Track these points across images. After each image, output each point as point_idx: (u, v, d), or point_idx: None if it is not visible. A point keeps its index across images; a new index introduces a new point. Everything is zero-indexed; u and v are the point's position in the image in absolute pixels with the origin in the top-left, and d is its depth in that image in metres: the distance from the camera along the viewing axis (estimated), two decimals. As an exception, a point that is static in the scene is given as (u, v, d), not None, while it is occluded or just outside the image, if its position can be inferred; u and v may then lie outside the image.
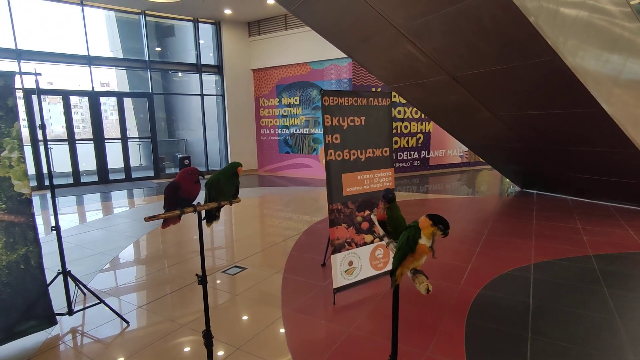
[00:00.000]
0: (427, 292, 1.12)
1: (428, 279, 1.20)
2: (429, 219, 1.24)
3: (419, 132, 10.37)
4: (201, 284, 1.54)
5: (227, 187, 1.64)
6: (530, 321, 2.66)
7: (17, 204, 2.40)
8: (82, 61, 9.13)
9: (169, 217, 1.44)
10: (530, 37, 3.40)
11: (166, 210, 1.48)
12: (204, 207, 1.54)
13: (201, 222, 1.53)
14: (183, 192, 1.49)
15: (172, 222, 1.56)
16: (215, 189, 1.64)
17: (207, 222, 1.76)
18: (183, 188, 1.49)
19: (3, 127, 2.33)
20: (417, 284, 1.15)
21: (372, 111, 3.18)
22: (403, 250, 1.23)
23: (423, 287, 1.12)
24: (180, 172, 1.54)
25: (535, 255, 3.95)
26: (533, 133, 5.38)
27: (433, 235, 1.21)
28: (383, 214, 1.54)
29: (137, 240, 4.86)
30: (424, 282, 1.15)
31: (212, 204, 1.61)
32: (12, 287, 2.41)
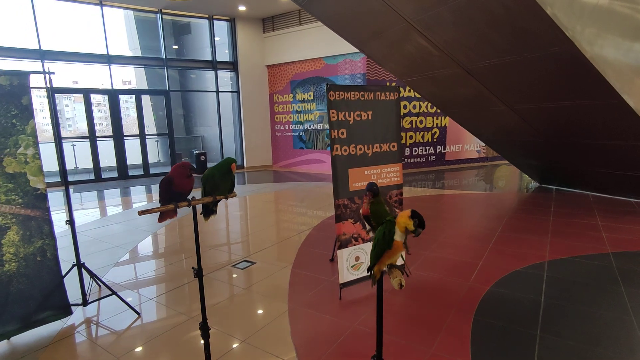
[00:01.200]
0: (400, 287, 1.11)
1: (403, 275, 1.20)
2: (408, 214, 1.23)
3: (435, 127, 10.20)
4: (197, 276, 1.57)
5: (222, 182, 1.66)
6: (540, 320, 2.59)
7: (32, 198, 2.50)
8: (102, 60, 9.38)
9: (162, 211, 1.47)
10: (545, 27, 3.28)
11: (161, 205, 1.51)
12: (199, 202, 1.57)
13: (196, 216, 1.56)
14: (176, 186, 1.52)
15: (168, 215, 1.59)
16: (210, 183, 1.67)
17: (204, 216, 1.79)
18: (176, 182, 1.52)
19: (19, 124, 2.42)
20: (391, 278, 1.14)
21: (379, 105, 3.15)
22: (380, 246, 1.22)
23: (396, 282, 1.11)
24: (173, 166, 1.58)
25: (551, 252, 3.84)
26: (550, 126, 5.21)
27: (406, 231, 1.20)
28: (367, 209, 1.53)
29: (153, 234, 4.99)
30: (398, 276, 1.14)
31: (208, 199, 1.64)
32: (30, 278, 2.52)
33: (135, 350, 2.41)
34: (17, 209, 2.44)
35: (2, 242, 2.39)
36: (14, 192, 2.42)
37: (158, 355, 2.35)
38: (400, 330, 2.53)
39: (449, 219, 5.33)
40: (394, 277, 1.14)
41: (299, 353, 2.32)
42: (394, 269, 1.21)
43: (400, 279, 1.14)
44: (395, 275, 1.15)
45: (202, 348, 2.38)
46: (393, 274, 1.15)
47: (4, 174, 2.38)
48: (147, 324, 2.74)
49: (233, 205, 6.74)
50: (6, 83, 2.36)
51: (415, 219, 1.20)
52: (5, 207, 2.39)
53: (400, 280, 1.13)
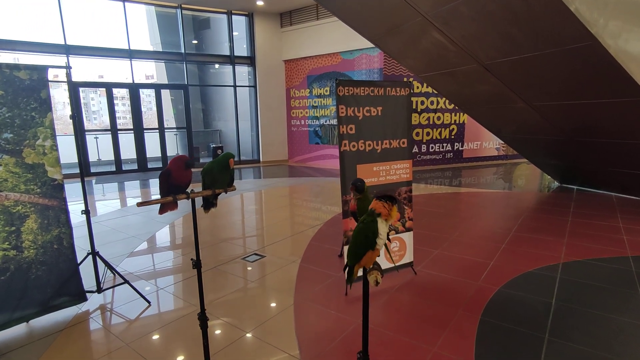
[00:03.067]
0: (376, 284, 1.10)
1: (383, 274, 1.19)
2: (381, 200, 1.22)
3: (453, 124, 10.01)
4: (195, 267, 1.61)
5: (221, 175, 1.69)
6: (549, 322, 2.53)
7: (50, 188, 2.61)
8: (123, 55, 9.61)
9: (161, 202, 1.51)
10: (566, 21, 3.16)
11: (161, 197, 1.55)
12: (198, 195, 1.60)
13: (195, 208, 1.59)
14: (174, 179, 1.56)
15: (168, 207, 1.63)
16: (209, 177, 1.70)
17: (204, 208, 1.82)
18: (174, 175, 1.56)
19: (37, 117, 2.52)
20: (369, 276, 1.14)
21: (389, 101, 3.11)
22: (362, 247, 1.21)
23: (372, 279, 1.11)
24: (171, 160, 1.61)
25: (566, 254, 3.73)
26: (571, 124, 5.03)
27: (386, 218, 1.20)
28: (354, 205, 1.52)
29: (168, 225, 5.11)
30: (374, 274, 1.13)
31: (207, 192, 1.67)
32: (47, 265, 2.64)
33: (145, 337, 2.49)
34: (36, 198, 2.55)
35: (22, 230, 2.50)
36: (32, 182, 2.53)
37: (166, 343, 2.42)
38: (404, 328, 2.52)
39: (463, 217, 5.24)
40: (370, 275, 1.14)
41: (301, 347, 2.35)
42: (374, 270, 1.21)
43: (377, 276, 1.13)
44: (372, 273, 1.14)
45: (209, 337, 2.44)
46: (370, 273, 1.15)
47: (24, 165, 2.48)
48: (157, 313, 2.82)
49: (247, 199, 6.82)
50: (26, 77, 2.45)
51: (388, 202, 1.21)
52: (25, 196, 2.50)
53: (376, 277, 1.12)
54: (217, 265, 3.67)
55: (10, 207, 2.44)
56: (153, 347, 2.38)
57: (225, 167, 1.65)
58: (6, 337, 2.50)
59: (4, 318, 2.46)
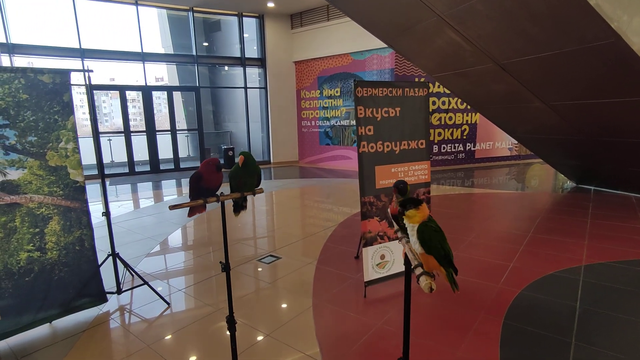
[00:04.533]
0: (430, 290, 1.08)
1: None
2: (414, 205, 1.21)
3: (465, 124, 9.92)
4: (224, 271, 1.60)
5: (246, 177, 1.69)
6: (575, 327, 2.48)
7: (72, 190, 2.63)
8: (136, 58, 9.72)
9: (191, 205, 1.51)
10: (587, 18, 3.10)
11: (191, 200, 1.55)
12: (227, 197, 1.59)
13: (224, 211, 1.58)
14: (205, 182, 1.56)
15: (197, 210, 1.63)
16: (235, 180, 1.70)
17: (234, 211, 1.82)
18: (205, 178, 1.55)
19: (60, 120, 2.55)
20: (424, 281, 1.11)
21: (407, 102, 3.09)
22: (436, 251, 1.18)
23: (427, 285, 1.08)
24: (202, 163, 1.61)
25: (588, 256, 3.66)
26: (590, 124, 4.93)
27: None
28: (396, 208, 1.50)
29: (183, 227, 5.14)
30: (429, 280, 1.11)
31: (235, 195, 1.67)
32: (69, 266, 2.66)
33: (165, 339, 2.50)
34: (58, 200, 2.58)
35: (45, 232, 2.53)
36: (55, 184, 2.56)
37: (186, 345, 2.43)
38: (427, 331, 2.49)
39: (478, 219, 5.18)
40: (425, 280, 1.11)
41: (322, 350, 2.33)
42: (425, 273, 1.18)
43: (432, 282, 1.11)
44: (427, 279, 1.12)
45: (228, 339, 2.44)
46: (426, 278, 1.13)
47: (47, 167, 2.51)
48: (176, 314, 2.83)
49: (259, 200, 6.84)
50: (49, 81, 2.49)
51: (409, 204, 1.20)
52: (48, 198, 2.53)
53: (431, 284, 1.10)
54: (233, 266, 3.68)
55: (35, 209, 2.48)
56: (175, 349, 2.38)
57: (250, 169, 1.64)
58: (31, 338, 2.53)
59: (28, 318, 2.49)
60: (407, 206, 1.22)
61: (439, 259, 1.18)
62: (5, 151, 2.34)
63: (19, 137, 2.38)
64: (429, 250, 1.18)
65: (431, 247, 1.17)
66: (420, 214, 1.20)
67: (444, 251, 1.18)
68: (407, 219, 1.22)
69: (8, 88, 2.32)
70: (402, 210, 1.22)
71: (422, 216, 1.20)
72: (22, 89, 2.37)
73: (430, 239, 1.17)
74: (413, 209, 1.20)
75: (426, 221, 1.20)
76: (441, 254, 1.18)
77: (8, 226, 2.38)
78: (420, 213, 1.20)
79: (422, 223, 1.20)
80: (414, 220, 1.20)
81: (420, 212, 1.20)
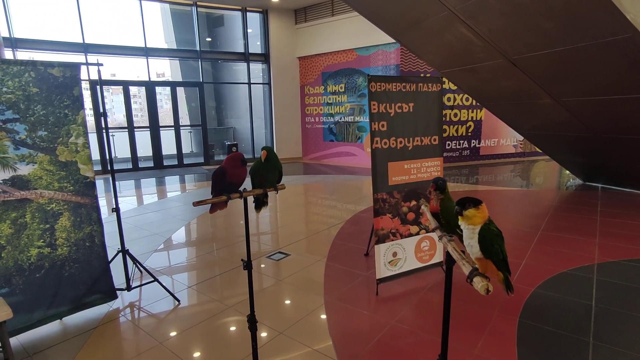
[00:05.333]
0: (487, 292, 1.04)
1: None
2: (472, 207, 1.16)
3: (470, 120, 9.85)
4: (246, 269, 1.57)
5: (268, 173, 1.65)
6: (592, 326, 2.45)
7: (82, 186, 2.60)
8: (140, 53, 9.66)
9: (215, 202, 1.47)
10: (604, 12, 3.04)
11: (213, 196, 1.52)
12: (250, 193, 1.56)
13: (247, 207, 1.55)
14: (230, 177, 1.52)
15: (219, 207, 1.60)
16: (257, 176, 1.66)
17: (255, 208, 1.79)
18: (229, 173, 1.52)
19: (70, 114, 2.51)
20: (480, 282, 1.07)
21: (421, 97, 3.04)
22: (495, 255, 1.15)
23: (483, 287, 1.04)
24: (226, 158, 1.57)
25: (600, 254, 3.62)
26: (603, 121, 4.88)
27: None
28: (436, 206, 1.45)
29: (188, 224, 5.11)
30: (485, 281, 1.07)
31: (258, 191, 1.63)
32: (80, 262, 2.63)
33: (177, 336, 2.47)
34: (69, 196, 2.55)
35: (56, 227, 2.50)
36: (65, 180, 2.52)
37: (199, 343, 2.40)
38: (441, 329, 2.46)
39: (486, 216, 5.14)
40: (481, 281, 1.07)
41: (337, 348, 2.30)
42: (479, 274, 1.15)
43: (489, 284, 1.07)
44: (483, 280, 1.08)
45: (240, 337, 2.41)
46: (482, 280, 1.09)
47: (57, 162, 2.48)
48: (187, 312, 2.80)
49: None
50: (59, 74, 2.44)
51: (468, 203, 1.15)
52: (58, 194, 2.50)
53: (487, 285, 1.06)
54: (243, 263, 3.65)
55: (45, 204, 2.44)
56: (187, 347, 2.36)
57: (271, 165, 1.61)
58: (42, 334, 2.50)
59: (39, 315, 2.47)
60: (467, 205, 1.16)
61: (498, 262, 1.14)
62: (16, 146, 2.31)
63: (29, 131, 2.35)
64: (488, 255, 1.14)
65: (492, 251, 1.13)
66: (480, 215, 1.15)
67: (502, 255, 1.13)
68: (464, 219, 1.17)
69: (18, 81, 2.28)
70: (459, 209, 1.17)
71: (482, 217, 1.15)
72: (32, 83, 2.33)
73: (491, 243, 1.13)
74: (473, 209, 1.15)
75: (487, 223, 1.16)
76: (500, 258, 1.14)
77: (19, 222, 2.35)
78: (480, 214, 1.15)
79: (484, 226, 1.15)
80: (473, 222, 1.15)
81: (481, 213, 1.15)
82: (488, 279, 1.10)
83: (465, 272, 1.15)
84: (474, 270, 1.13)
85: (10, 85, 2.25)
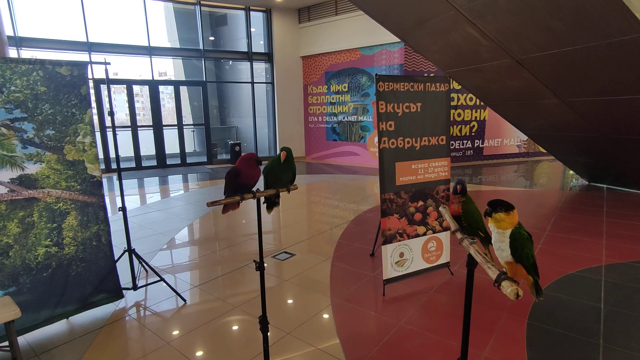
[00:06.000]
0: (516, 297, 1.03)
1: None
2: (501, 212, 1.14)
3: (473, 120, 9.82)
4: (259, 270, 1.56)
5: (283, 173, 1.64)
6: (602, 328, 2.43)
7: (89, 185, 2.59)
8: (143, 52, 9.65)
9: (229, 202, 1.46)
10: (615, 12, 3.02)
11: (226, 196, 1.51)
12: (263, 194, 1.54)
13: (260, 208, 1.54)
14: (243, 178, 1.51)
15: (231, 207, 1.59)
16: (271, 175, 1.65)
17: (267, 208, 1.78)
18: (244, 173, 1.50)
19: (77, 113, 2.50)
20: (509, 287, 1.06)
21: (429, 97, 3.02)
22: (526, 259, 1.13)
23: (513, 291, 1.03)
24: (239, 158, 1.56)
25: (607, 256, 3.60)
26: (610, 121, 4.85)
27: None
28: (458, 208, 1.44)
29: (191, 223, 5.11)
30: (515, 285, 1.06)
31: (271, 191, 1.62)
32: (86, 262, 2.63)
33: (184, 336, 2.46)
34: (76, 195, 2.54)
35: (63, 227, 2.49)
36: (73, 179, 2.51)
37: (206, 343, 2.39)
38: (449, 331, 2.45)
39: (491, 217, 5.11)
40: (510, 286, 1.07)
41: (345, 349, 2.29)
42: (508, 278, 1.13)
43: (517, 288, 1.06)
44: (512, 285, 1.07)
45: (247, 337, 2.40)
46: (511, 284, 1.08)
47: (65, 161, 2.47)
48: (194, 311, 2.79)
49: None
50: (67, 73, 2.44)
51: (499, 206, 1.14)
52: (66, 193, 2.49)
53: (517, 290, 1.05)
54: (248, 262, 3.64)
55: (52, 203, 2.44)
56: (194, 347, 2.35)
57: (287, 165, 1.59)
58: (49, 334, 2.50)
59: (46, 314, 2.46)
60: (498, 208, 1.14)
61: (528, 267, 1.13)
62: (24, 145, 2.30)
63: (37, 130, 2.34)
64: (519, 259, 1.12)
65: (522, 256, 1.12)
66: (509, 220, 1.13)
67: (532, 259, 1.12)
68: (493, 222, 1.16)
69: (26, 80, 2.27)
70: (490, 210, 1.16)
71: (510, 222, 1.14)
72: (40, 81, 2.32)
73: (522, 247, 1.11)
74: (503, 213, 1.13)
75: (518, 227, 1.15)
76: (530, 262, 1.12)
77: (26, 221, 2.34)
78: (509, 219, 1.13)
79: (515, 230, 1.14)
80: (501, 226, 1.14)
81: (510, 219, 1.13)
82: (517, 283, 1.09)
83: (491, 276, 1.14)
84: (502, 274, 1.11)
85: (18, 84, 2.24)
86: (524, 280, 1.17)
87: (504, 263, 1.19)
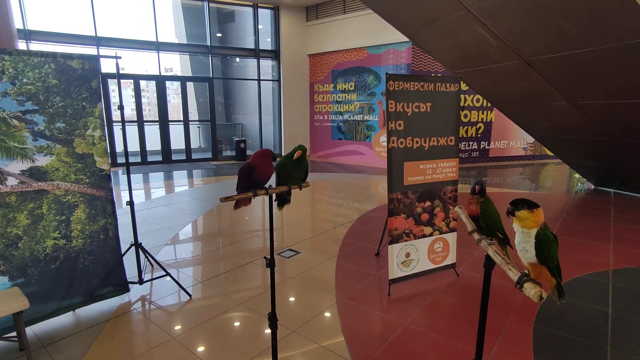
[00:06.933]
0: (539, 299, 1.02)
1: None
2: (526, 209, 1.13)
3: (480, 122, 9.77)
4: (269, 266, 1.56)
5: (295, 171, 1.63)
6: (609, 333, 2.41)
7: (98, 179, 2.60)
8: (151, 47, 9.67)
9: (242, 198, 1.46)
10: (630, 14, 2.99)
11: (239, 192, 1.50)
12: (276, 190, 1.54)
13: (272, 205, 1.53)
14: (258, 174, 1.51)
15: (243, 203, 1.58)
16: (284, 172, 1.65)
17: (278, 205, 1.77)
18: (259, 169, 1.50)
19: (88, 107, 2.51)
20: (533, 289, 1.05)
21: (439, 97, 3.01)
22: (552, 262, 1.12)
23: (536, 293, 1.02)
24: (253, 154, 1.56)
25: (615, 260, 3.57)
26: (619, 125, 4.80)
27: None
28: (476, 209, 1.43)
29: (196, 219, 5.12)
30: (538, 287, 1.05)
31: (283, 188, 1.61)
32: (94, 255, 2.64)
33: (189, 331, 2.47)
34: (85, 189, 2.55)
35: (71, 219, 2.50)
36: (82, 172, 2.52)
37: (211, 338, 2.39)
38: (455, 332, 2.44)
39: (497, 219, 5.08)
40: (534, 288, 1.06)
41: (350, 348, 2.29)
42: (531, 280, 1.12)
43: (541, 290, 1.05)
44: (536, 287, 1.07)
45: (253, 333, 2.41)
46: (535, 286, 1.07)
47: (74, 154, 2.48)
48: (198, 306, 2.80)
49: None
50: (78, 66, 2.44)
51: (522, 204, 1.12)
52: (75, 186, 2.50)
53: (541, 292, 1.04)
54: (253, 259, 3.65)
55: (61, 196, 2.45)
56: (199, 342, 2.35)
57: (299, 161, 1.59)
58: (56, 326, 2.51)
59: (53, 306, 2.48)
60: (520, 206, 1.13)
61: (552, 269, 1.11)
62: (34, 137, 2.31)
63: (47, 123, 2.35)
64: (544, 260, 1.11)
65: (547, 257, 1.10)
66: (533, 218, 1.12)
67: (556, 261, 1.11)
68: (517, 220, 1.15)
69: (38, 73, 2.28)
70: (512, 208, 1.15)
71: (535, 221, 1.12)
72: (51, 74, 2.33)
73: (548, 249, 1.10)
74: (526, 211, 1.12)
75: (544, 228, 1.13)
76: (555, 264, 1.11)
77: (35, 213, 2.35)
78: (533, 217, 1.12)
79: (540, 231, 1.12)
80: (525, 224, 1.13)
81: (534, 217, 1.12)
82: (540, 285, 1.08)
83: (512, 278, 1.13)
84: (524, 275, 1.10)
85: (30, 76, 2.25)
86: (546, 282, 1.15)
87: (527, 264, 1.17)
